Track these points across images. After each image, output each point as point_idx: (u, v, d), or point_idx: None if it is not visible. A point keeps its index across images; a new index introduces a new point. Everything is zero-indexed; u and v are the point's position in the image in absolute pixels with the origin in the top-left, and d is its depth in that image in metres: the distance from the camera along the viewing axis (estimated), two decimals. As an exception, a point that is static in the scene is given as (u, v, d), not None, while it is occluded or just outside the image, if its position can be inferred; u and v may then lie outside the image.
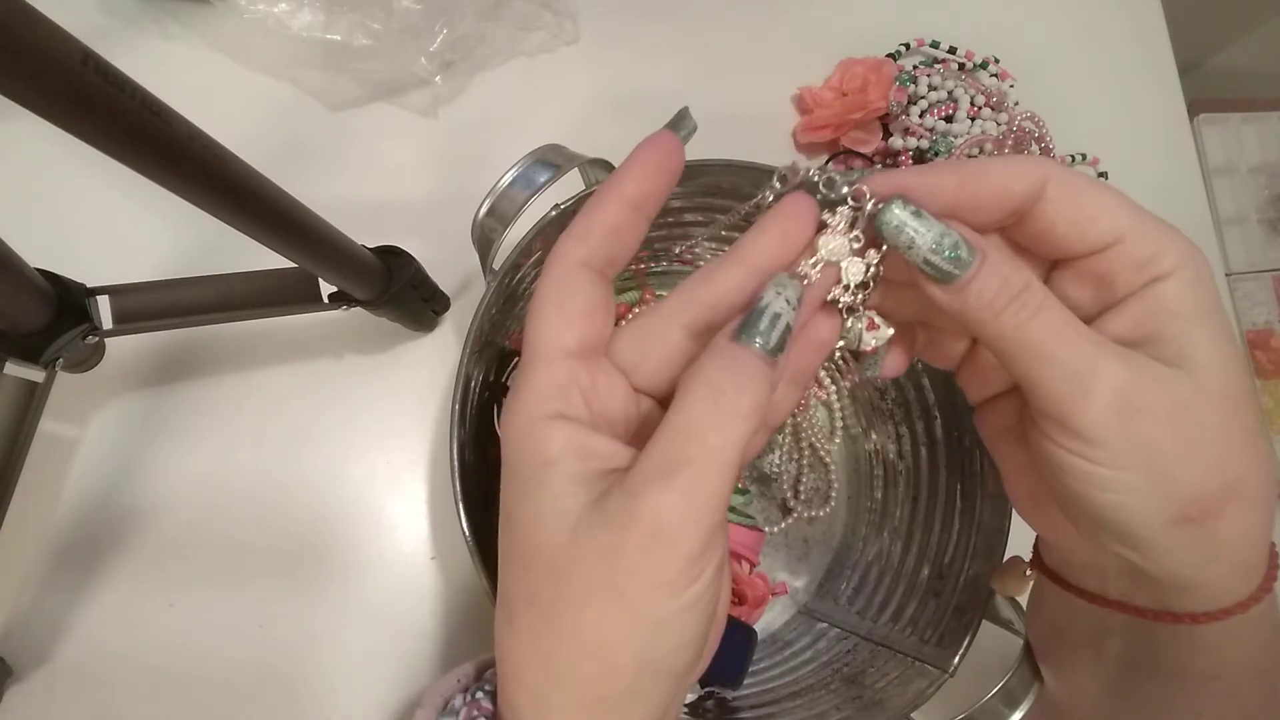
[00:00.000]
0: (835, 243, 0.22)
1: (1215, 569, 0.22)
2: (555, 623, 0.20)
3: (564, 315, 0.21)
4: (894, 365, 0.26)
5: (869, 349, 0.24)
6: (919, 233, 0.21)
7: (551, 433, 0.20)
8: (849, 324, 0.24)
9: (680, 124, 0.23)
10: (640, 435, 0.23)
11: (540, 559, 0.20)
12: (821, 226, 0.23)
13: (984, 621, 0.37)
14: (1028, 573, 0.30)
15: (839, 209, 0.22)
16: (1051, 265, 0.23)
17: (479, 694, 0.23)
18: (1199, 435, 0.20)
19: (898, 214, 0.21)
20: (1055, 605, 0.29)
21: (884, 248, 0.22)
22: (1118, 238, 0.21)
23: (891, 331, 0.24)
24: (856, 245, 0.22)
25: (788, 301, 0.21)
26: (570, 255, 0.21)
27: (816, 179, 0.22)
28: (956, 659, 0.37)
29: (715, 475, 0.19)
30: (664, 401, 0.24)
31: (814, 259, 0.22)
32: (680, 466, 0.19)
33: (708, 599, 0.20)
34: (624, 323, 0.24)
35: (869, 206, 0.22)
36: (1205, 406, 0.20)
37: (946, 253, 0.21)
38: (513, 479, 0.21)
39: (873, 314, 0.24)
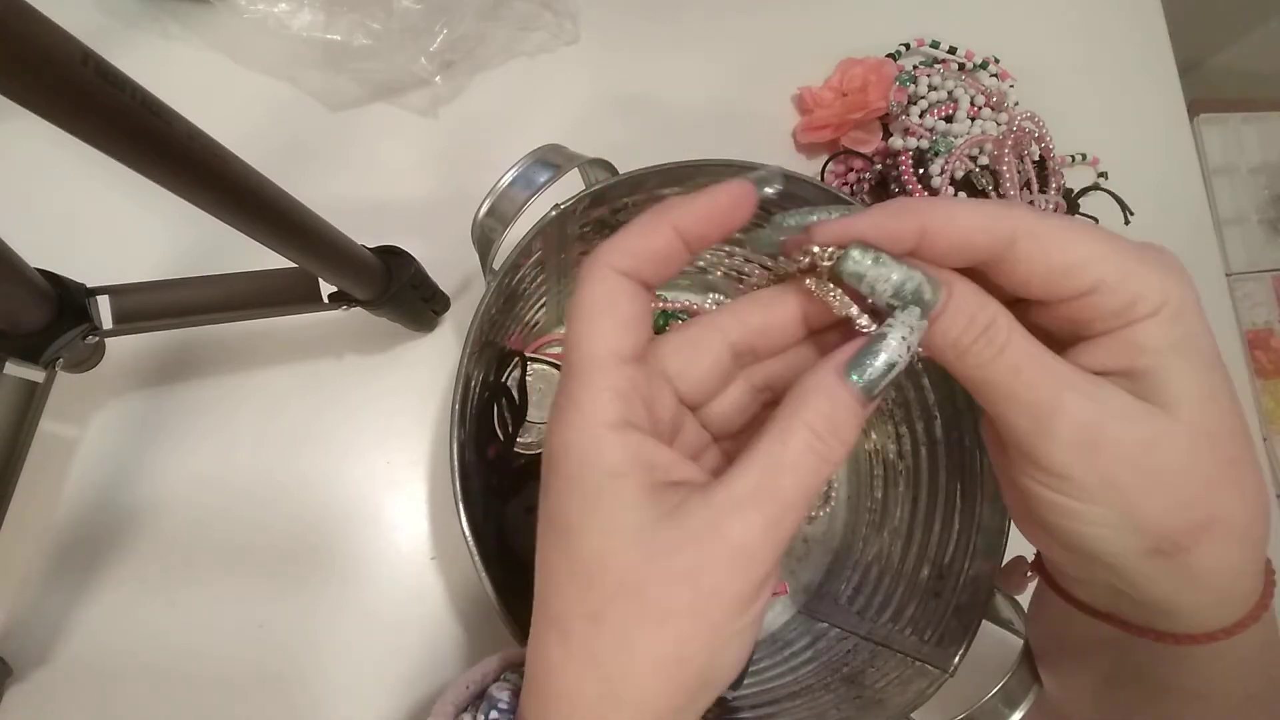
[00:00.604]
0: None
1: (1194, 597, 0.22)
2: (628, 642, 0.20)
3: (614, 320, 0.21)
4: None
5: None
6: (879, 279, 0.20)
7: (616, 442, 0.20)
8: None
9: (766, 181, 0.23)
10: (682, 450, 0.23)
11: (609, 576, 0.20)
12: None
13: (984, 621, 0.37)
14: (1029, 574, 0.30)
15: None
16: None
17: (493, 712, 0.23)
18: (1168, 472, 0.20)
19: (856, 261, 0.21)
20: (1054, 610, 0.29)
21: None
22: (1092, 288, 0.21)
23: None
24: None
25: (909, 346, 0.20)
26: (615, 264, 0.21)
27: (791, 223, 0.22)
28: (956, 659, 0.37)
29: (800, 508, 0.20)
30: (704, 419, 0.24)
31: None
32: (771, 497, 0.19)
33: (763, 615, 0.21)
34: (668, 331, 0.24)
35: (824, 258, 0.21)
36: (1178, 443, 0.20)
37: (909, 297, 0.20)
38: (573, 490, 0.20)
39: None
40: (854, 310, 0.21)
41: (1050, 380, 0.20)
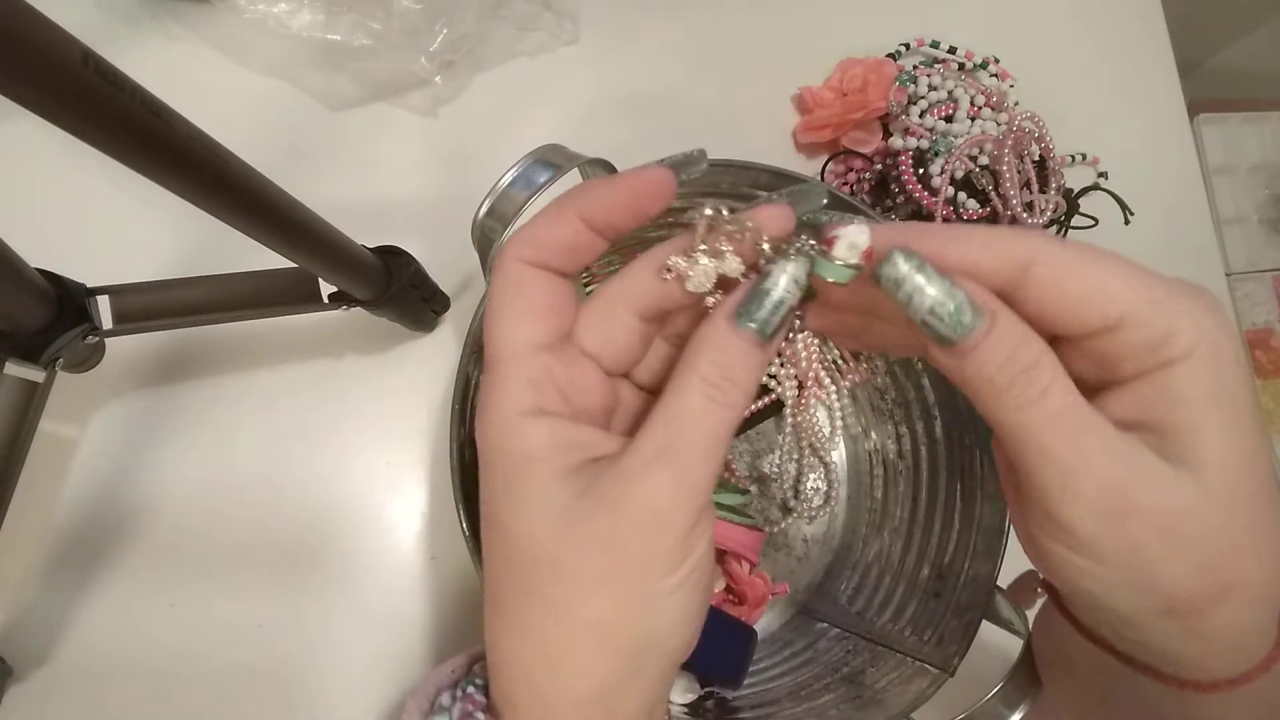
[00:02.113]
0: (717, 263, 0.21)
1: (1201, 652, 0.21)
2: (556, 612, 0.20)
3: (522, 312, 0.21)
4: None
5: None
6: (919, 289, 0.19)
7: (532, 429, 0.20)
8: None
9: (687, 165, 0.22)
10: (620, 418, 0.23)
11: (533, 552, 0.20)
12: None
13: (984, 621, 0.37)
14: (1038, 590, 0.30)
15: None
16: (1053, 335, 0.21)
17: (470, 688, 0.23)
18: (1193, 539, 0.19)
19: (897, 266, 0.19)
20: (1059, 625, 0.29)
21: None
22: (1118, 321, 0.19)
23: (865, 237, 0.20)
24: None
25: (796, 281, 0.20)
26: (521, 255, 0.21)
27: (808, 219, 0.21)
28: (956, 659, 0.37)
29: (710, 459, 0.20)
30: (634, 379, 0.24)
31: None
32: (676, 453, 0.20)
33: (699, 575, 0.21)
34: (581, 308, 0.23)
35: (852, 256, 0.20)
36: (1205, 509, 0.19)
37: (949, 315, 0.19)
38: (495, 478, 0.21)
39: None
40: (709, 295, 0.21)
41: (1088, 436, 0.19)
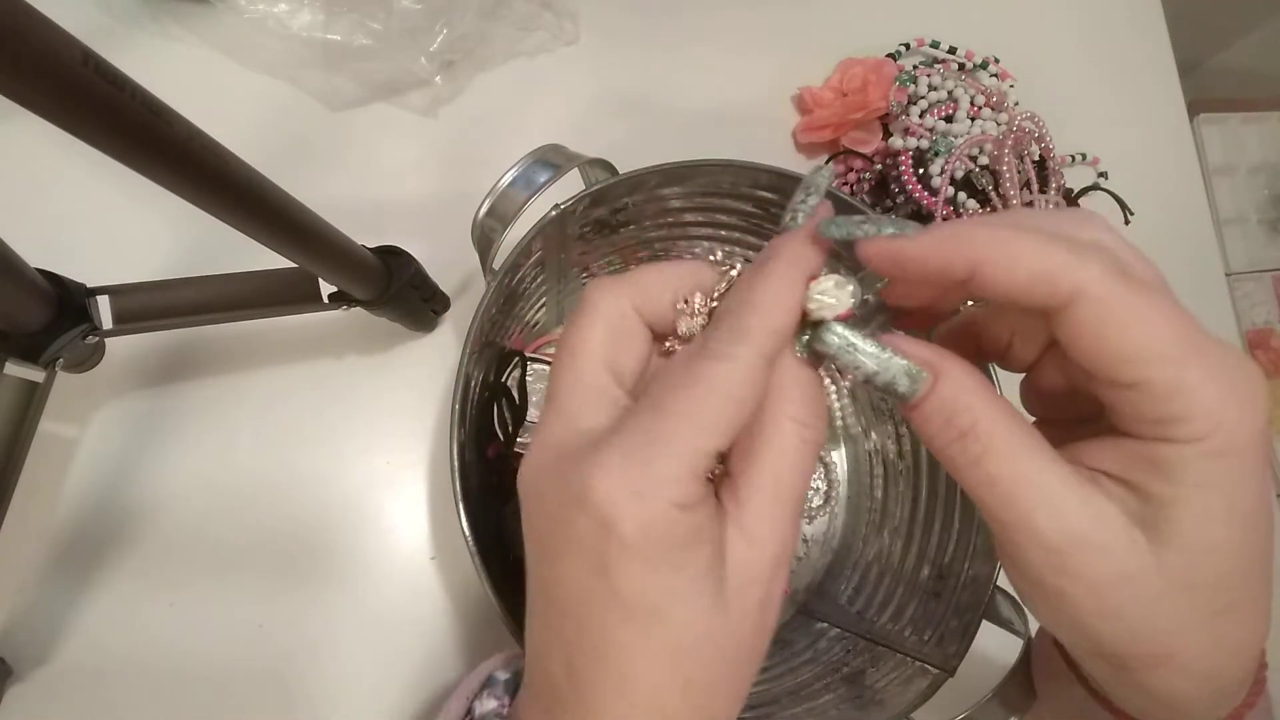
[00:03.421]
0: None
1: (1137, 698, 0.21)
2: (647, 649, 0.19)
3: (707, 423, 0.19)
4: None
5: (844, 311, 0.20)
6: (850, 365, 0.20)
7: (686, 517, 0.19)
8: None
9: (818, 188, 0.21)
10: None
11: (693, 652, 0.19)
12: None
13: (984, 621, 0.37)
14: None
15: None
16: None
17: (492, 696, 0.23)
18: (1128, 605, 0.18)
19: (828, 344, 0.20)
20: (1047, 634, 0.29)
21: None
22: (1135, 384, 0.18)
23: (850, 292, 0.20)
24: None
25: (856, 300, 0.20)
26: (760, 347, 0.19)
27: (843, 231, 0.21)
28: (956, 659, 0.37)
29: (804, 495, 0.21)
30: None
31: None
32: (782, 521, 0.20)
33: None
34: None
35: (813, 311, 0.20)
36: (1153, 581, 0.18)
37: (884, 383, 0.20)
38: (641, 561, 0.19)
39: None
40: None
41: (1025, 497, 0.19)
